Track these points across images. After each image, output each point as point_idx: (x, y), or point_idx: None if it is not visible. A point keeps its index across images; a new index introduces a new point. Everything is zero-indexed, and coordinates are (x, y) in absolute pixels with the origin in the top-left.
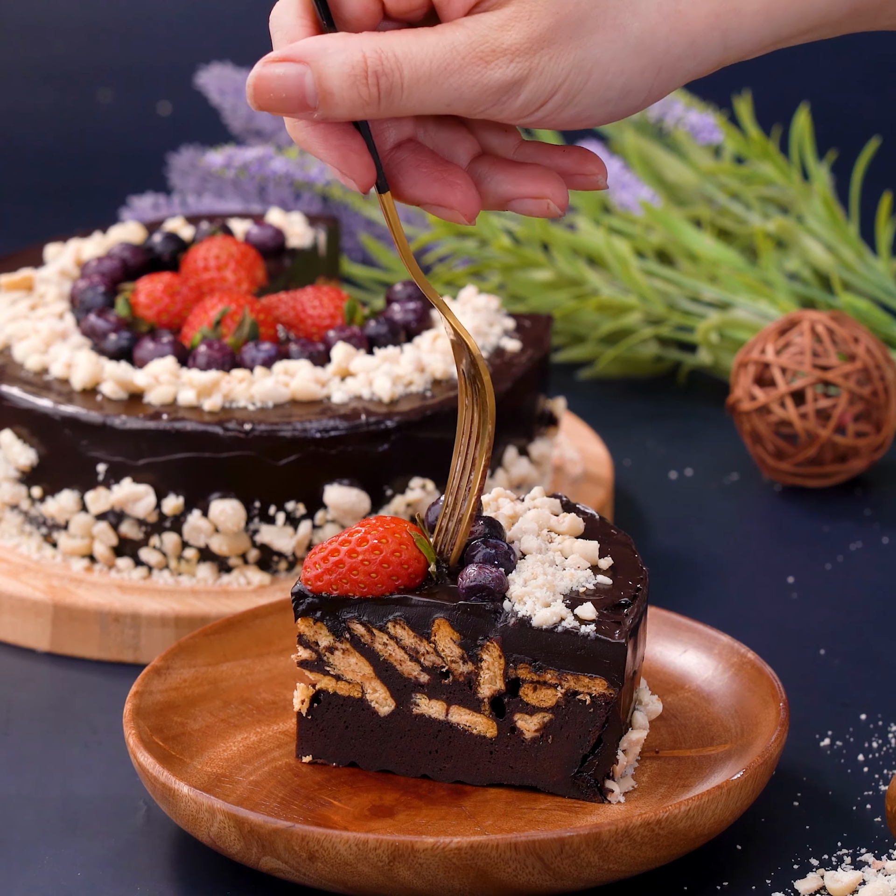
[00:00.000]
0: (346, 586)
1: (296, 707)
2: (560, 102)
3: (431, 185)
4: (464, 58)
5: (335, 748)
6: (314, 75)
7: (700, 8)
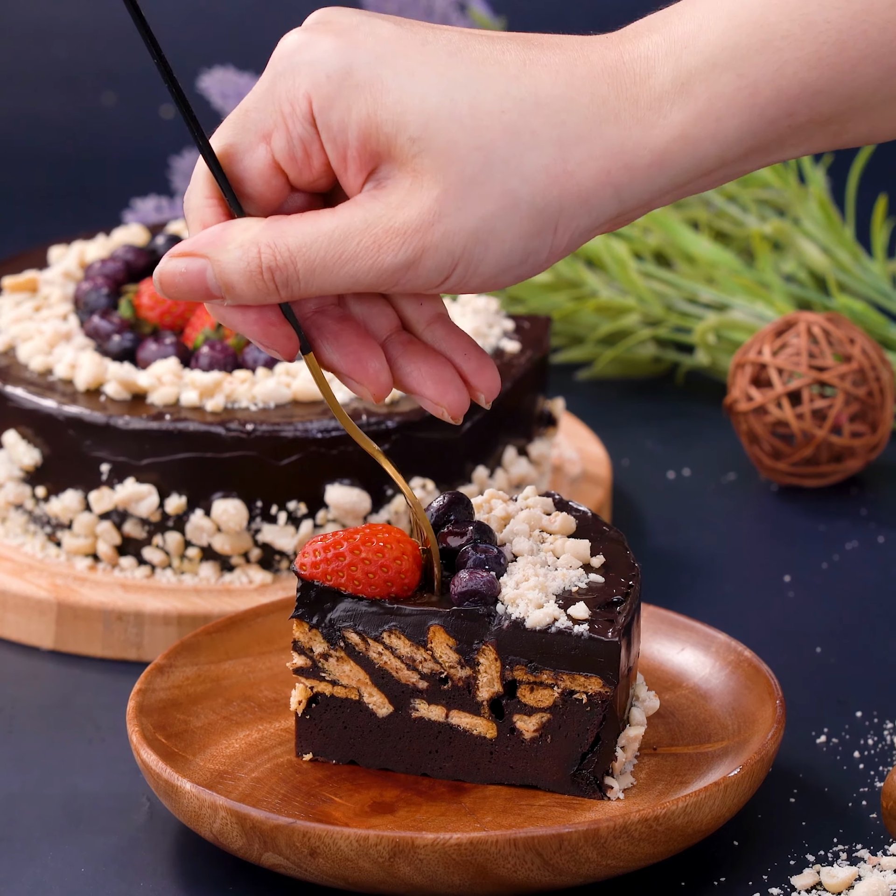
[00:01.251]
0: (342, 580)
1: (293, 707)
2: (463, 274)
3: (347, 357)
4: (358, 243)
5: (334, 747)
6: (214, 269)
7: (589, 167)
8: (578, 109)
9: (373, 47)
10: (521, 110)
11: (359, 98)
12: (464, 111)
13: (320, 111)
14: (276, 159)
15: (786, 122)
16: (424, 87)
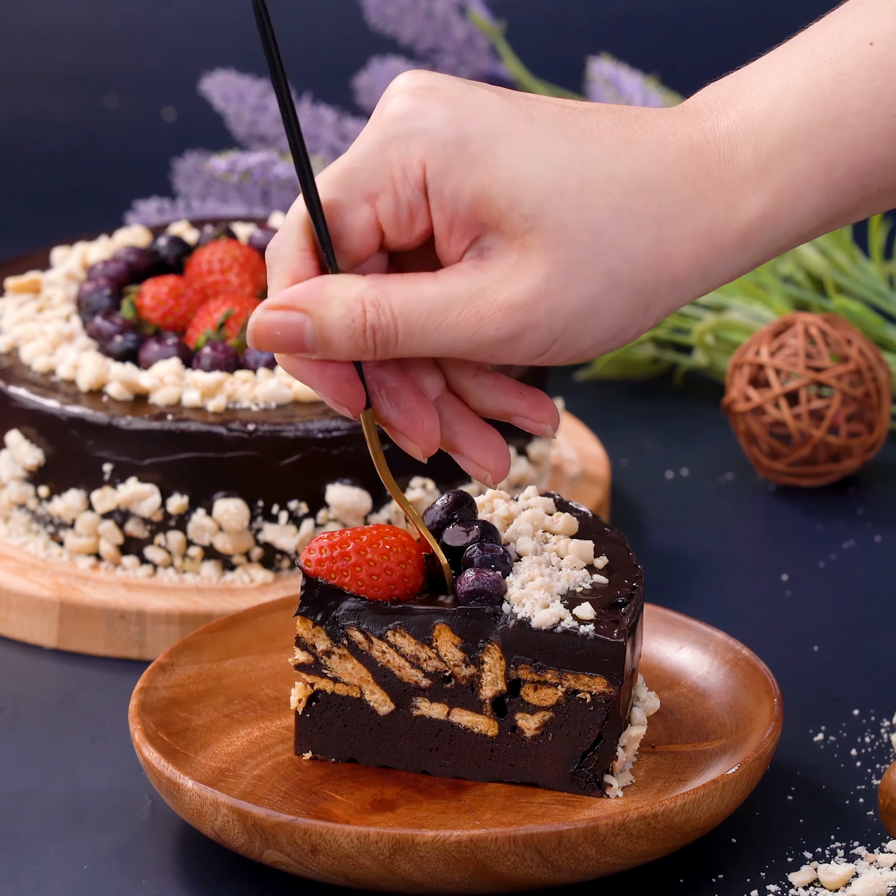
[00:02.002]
0: (346, 579)
1: (293, 706)
2: (560, 350)
3: (405, 415)
4: (459, 313)
5: (334, 745)
6: (314, 325)
7: (683, 248)
8: (673, 191)
9: (485, 120)
10: (624, 191)
11: (474, 169)
12: (574, 191)
13: (433, 179)
14: (379, 220)
15: (858, 195)
16: (537, 166)
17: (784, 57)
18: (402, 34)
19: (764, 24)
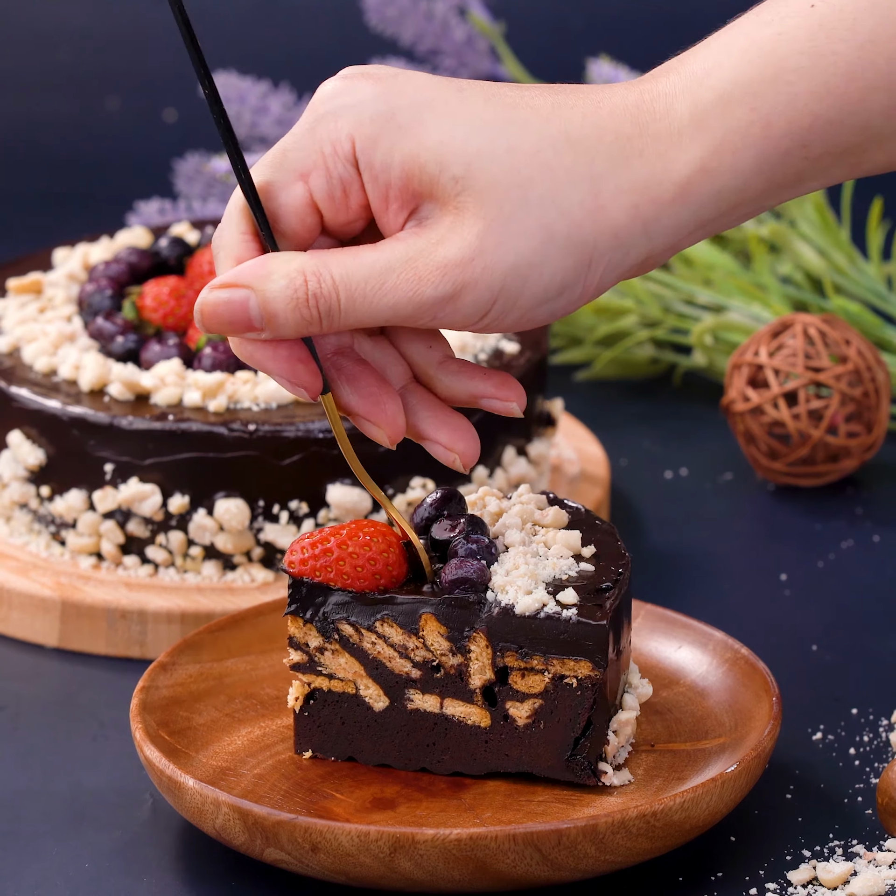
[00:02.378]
0: (331, 575)
1: (290, 704)
2: (501, 309)
3: (365, 399)
4: (398, 276)
5: (333, 743)
6: (258, 299)
7: (619, 201)
8: (606, 148)
9: (412, 93)
10: (556, 149)
11: (402, 139)
12: (503, 152)
13: (363, 151)
14: (314, 199)
15: (801, 154)
16: (465, 130)
17: (730, 26)
18: (403, 36)
19: None
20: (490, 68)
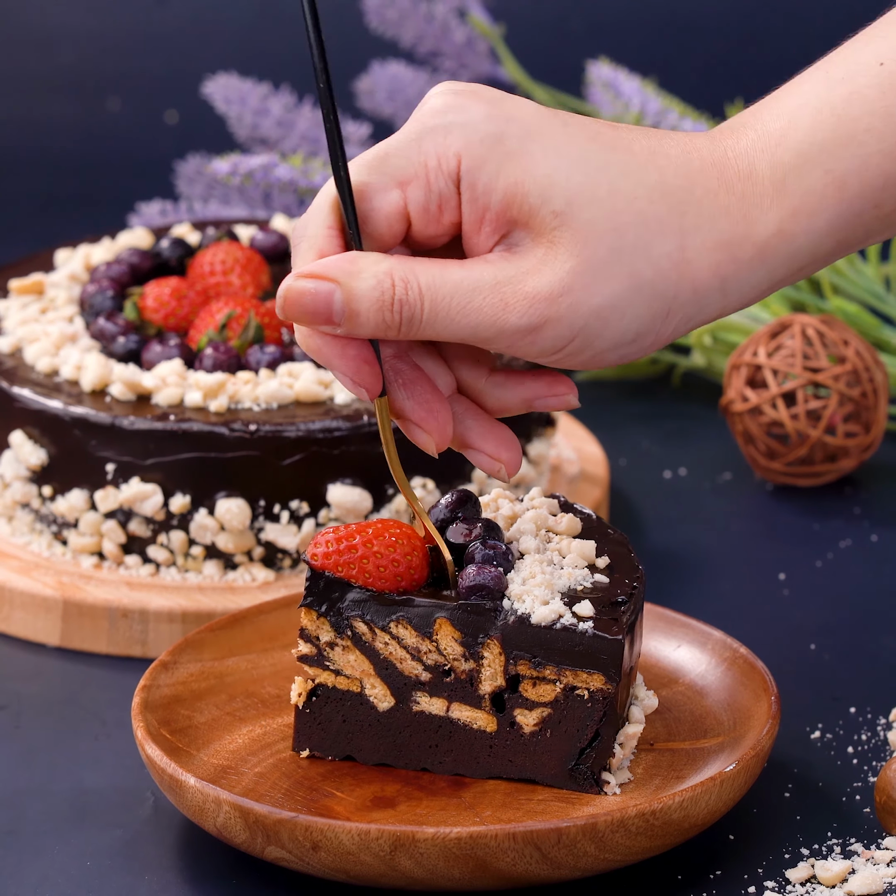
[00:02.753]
0: (353, 572)
1: (293, 700)
2: (577, 348)
3: (419, 406)
4: (484, 298)
5: (332, 742)
6: (343, 295)
7: (704, 258)
8: (696, 201)
9: (521, 120)
10: (651, 198)
11: (509, 165)
12: (604, 194)
13: (468, 171)
14: (408, 208)
15: (873, 214)
16: (569, 166)
17: (801, 80)
18: (403, 38)
19: (760, 27)
20: (490, 70)
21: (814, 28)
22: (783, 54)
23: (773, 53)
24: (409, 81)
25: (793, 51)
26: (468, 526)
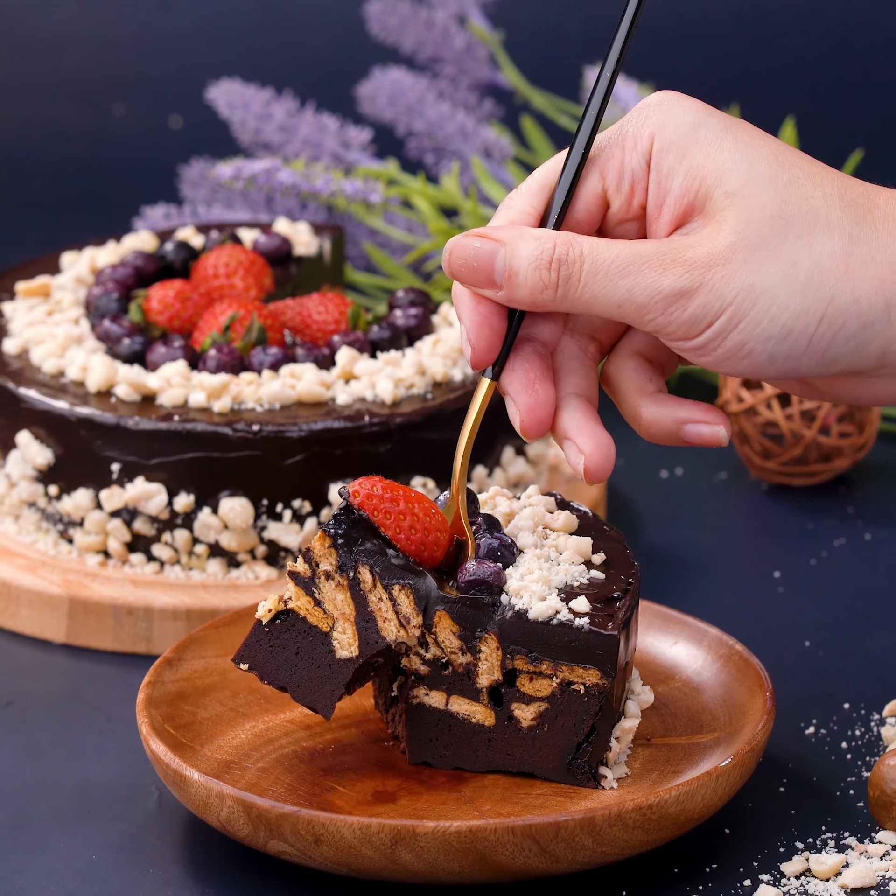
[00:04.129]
0: (388, 521)
1: (258, 614)
2: (725, 326)
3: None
4: (644, 263)
5: (275, 668)
6: (507, 255)
7: (869, 270)
8: (871, 217)
9: (723, 117)
10: (827, 202)
11: (694, 150)
12: (781, 185)
13: (658, 152)
14: (606, 189)
15: None
16: (754, 156)
17: None
18: (404, 44)
19: (757, 33)
20: (489, 75)
21: (810, 36)
22: (779, 62)
23: (769, 60)
24: (409, 87)
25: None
26: (470, 520)
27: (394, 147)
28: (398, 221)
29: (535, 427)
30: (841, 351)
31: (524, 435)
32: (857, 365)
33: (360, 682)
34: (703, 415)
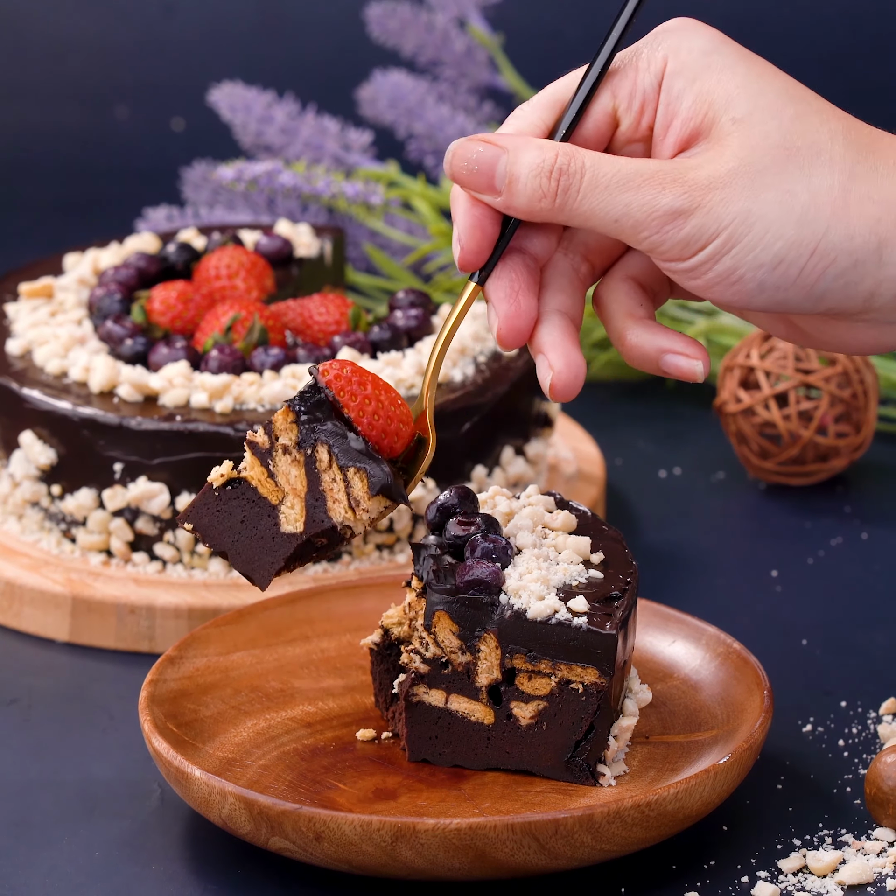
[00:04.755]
0: (353, 403)
1: (210, 478)
2: (718, 249)
3: (501, 287)
4: (644, 180)
5: (219, 531)
6: (508, 161)
7: (865, 207)
8: (873, 158)
9: (734, 47)
10: (832, 139)
11: (705, 75)
12: (788, 118)
13: (670, 74)
14: (616, 108)
15: None
16: (765, 87)
17: None
18: (404, 47)
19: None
20: (489, 78)
21: (808, 39)
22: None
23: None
24: (409, 90)
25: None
26: (468, 520)
27: (394, 149)
28: (398, 223)
29: (511, 336)
30: (829, 287)
31: (500, 343)
32: (844, 305)
33: (301, 562)
34: (685, 347)
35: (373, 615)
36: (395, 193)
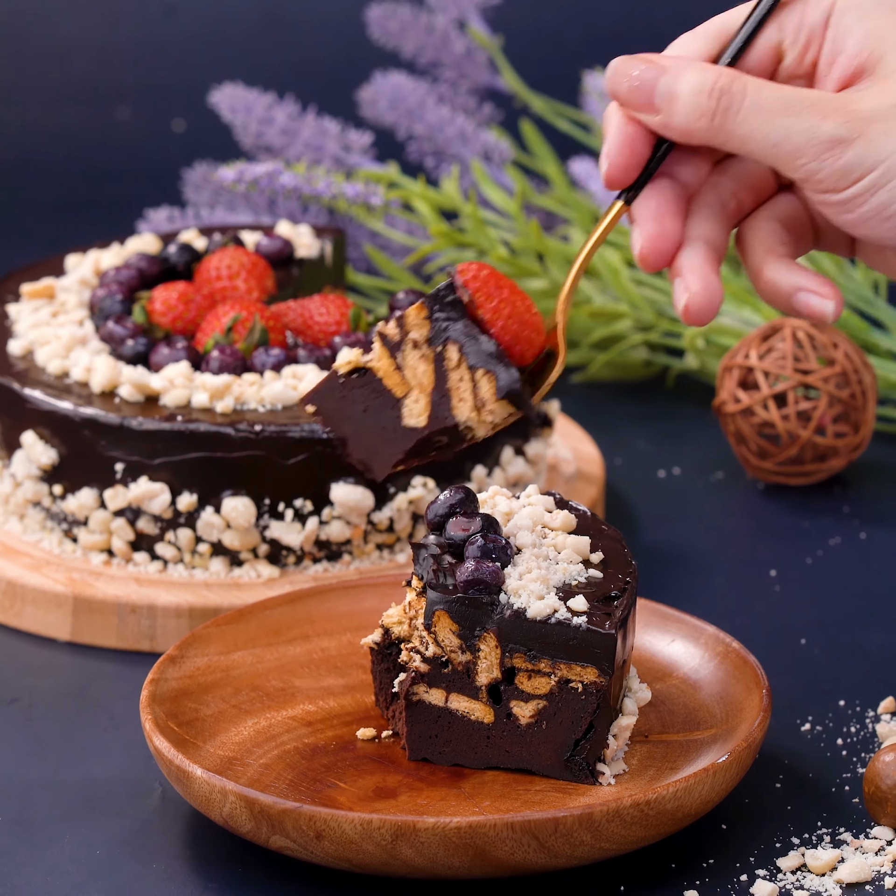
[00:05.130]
0: (489, 305)
1: (338, 362)
2: (875, 181)
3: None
4: (806, 106)
5: (340, 418)
6: (669, 81)
7: None
8: None
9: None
10: None
11: (876, 13)
12: None
13: (839, 10)
14: (782, 40)
15: None
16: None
17: None
18: (404, 49)
19: None
20: (489, 80)
21: None
22: None
23: None
24: (409, 91)
25: None
26: (468, 520)
27: (394, 150)
28: (399, 224)
29: (653, 256)
30: None
31: (641, 263)
32: None
33: (418, 457)
34: (819, 287)
35: (373, 614)
36: (396, 194)
